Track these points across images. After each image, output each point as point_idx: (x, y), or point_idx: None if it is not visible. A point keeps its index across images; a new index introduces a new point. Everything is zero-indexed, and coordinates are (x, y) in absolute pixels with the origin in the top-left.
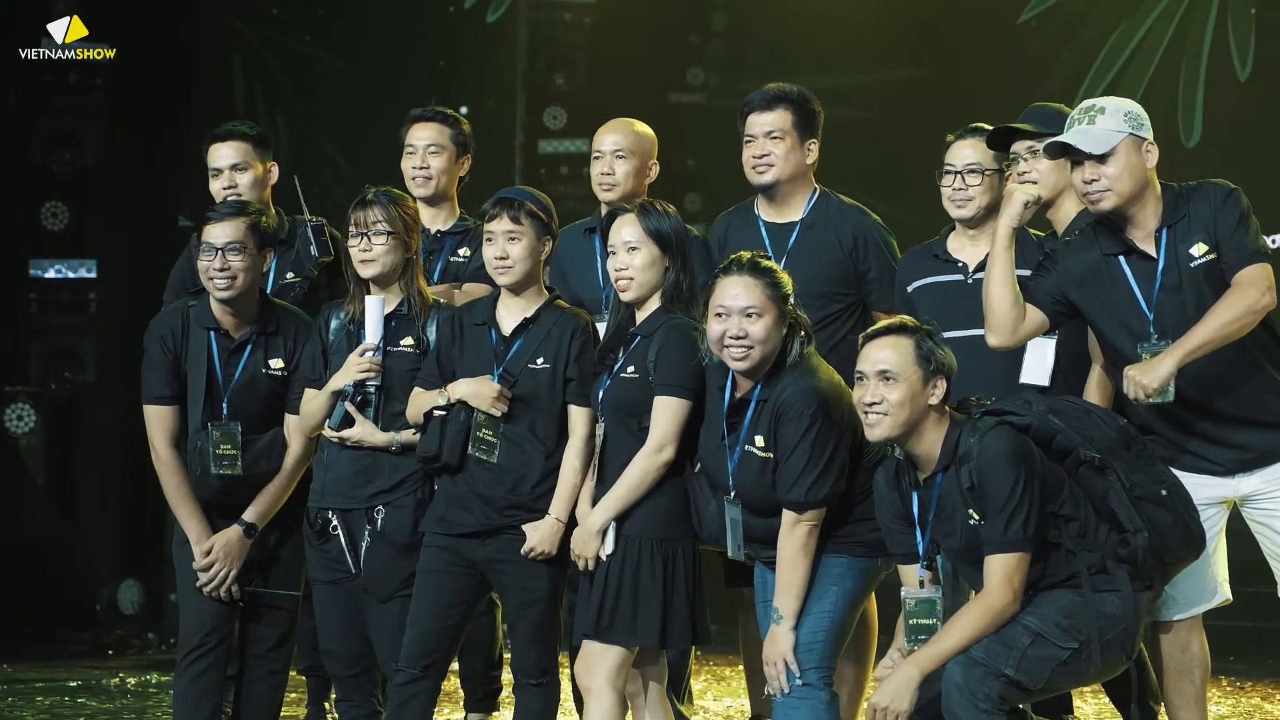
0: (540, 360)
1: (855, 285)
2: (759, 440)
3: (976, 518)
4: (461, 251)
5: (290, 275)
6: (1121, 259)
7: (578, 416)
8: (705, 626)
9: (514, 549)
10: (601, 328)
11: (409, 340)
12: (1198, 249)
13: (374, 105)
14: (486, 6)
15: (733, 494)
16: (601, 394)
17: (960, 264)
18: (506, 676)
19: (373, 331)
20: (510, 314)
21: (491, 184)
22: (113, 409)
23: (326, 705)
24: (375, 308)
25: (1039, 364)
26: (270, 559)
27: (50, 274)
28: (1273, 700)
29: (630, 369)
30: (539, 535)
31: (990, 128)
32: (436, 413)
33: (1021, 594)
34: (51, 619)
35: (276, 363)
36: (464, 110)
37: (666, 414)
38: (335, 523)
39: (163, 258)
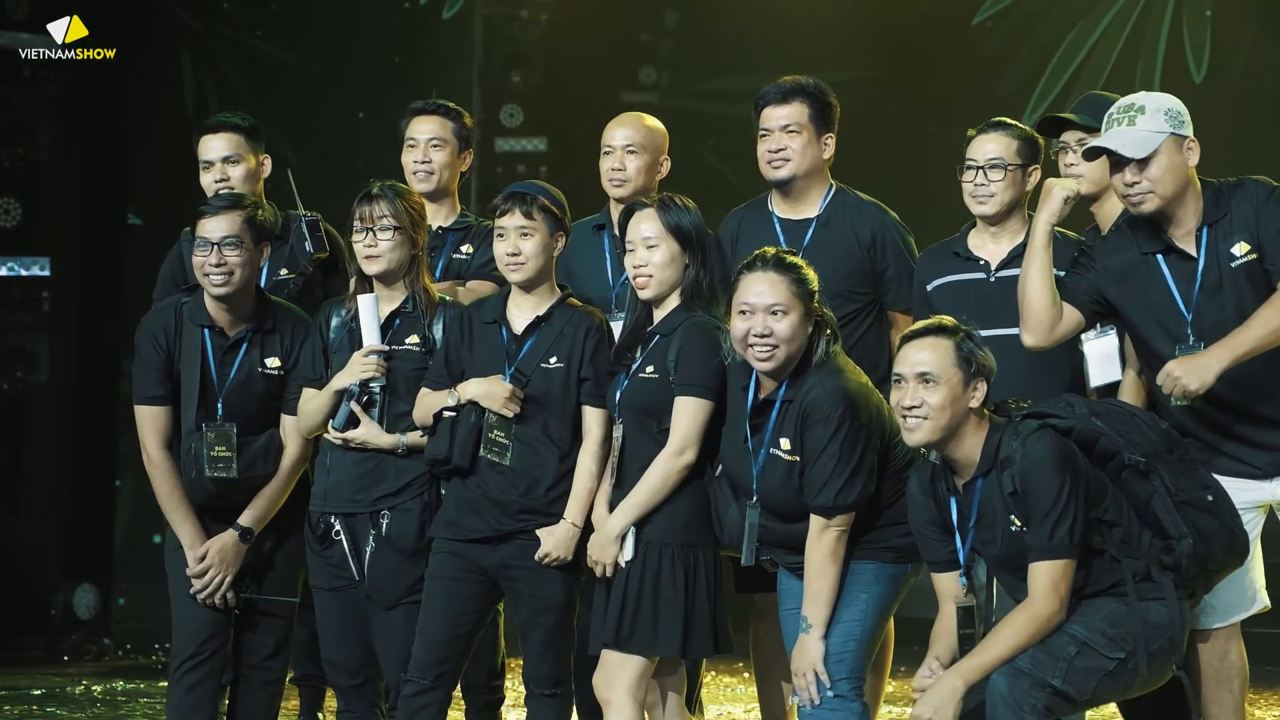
0: (553, 360)
1: (872, 284)
2: (784, 443)
3: (1019, 524)
4: (464, 249)
5: (284, 272)
6: (1160, 258)
7: (593, 418)
8: (727, 635)
9: (527, 555)
10: (614, 327)
11: (414, 339)
12: (1239, 248)
13: (327, 102)
14: (442, 3)
15: (755, 498)
16: (619, 395)
17: (982, 262)
18: (508, 684)
19: (369, 332)
20: (522, 312)
21: None
22: (65, 409)
23: (320, 715)
24: (369, 307)
25: (1104, 363)
26: (265, 564)
27: (2, 271)
28: None
29: (649, 369)
30: (554, 540)
31: (1010, 121)
32: (446, 414)
33: (1067, 602)
34: (3, 625)
35: (273, 361)
36: None
37: (688, 415)
38: (338, 527)
39: (116, 256)
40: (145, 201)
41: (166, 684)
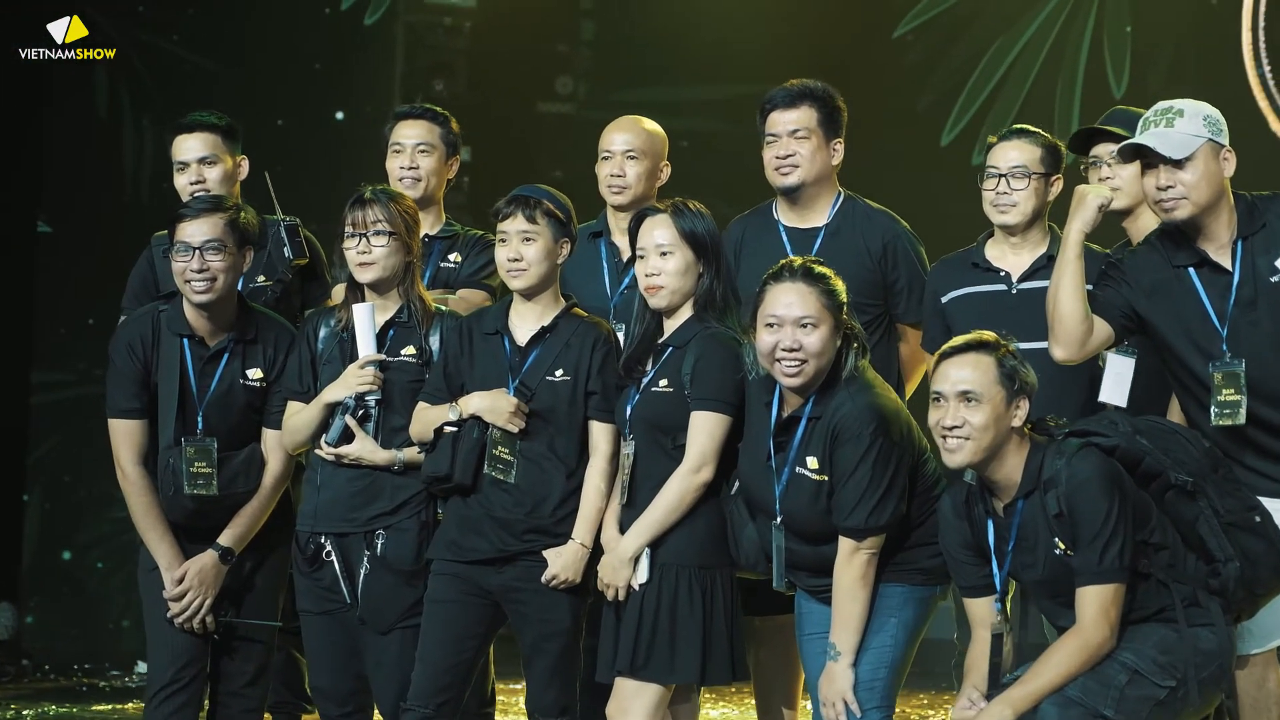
0: (559, 372)
1: (883, 296)
2: (811, 462)
3: (1062, 547)
4: (452, 257)
5: (261, 278)
6: (1192, 271)
7: (600, 433)
8: (744, 662)
9: (533, 577)
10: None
11: (410, 350)
12: None
13: (245, 109)
14: (364, 8)
15: (779, 519)
16: (630, 409)
17: (1003, 273)
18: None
19: (365, 343)
20: (525, 322)
21: None
22: None
23: None
24: (365, 316)
25: (1118, 384)
26: (245, 587)
27: None
28: None
29: (663, 382)
30: (562, 562)
31: (1032, 129)
32: (447, 429)
33: (1118, 628)
34: None
35: (255, 373)
36: (339, 116)
37: (704, 431)
38: (329, 548)
39: (27, 264)
40: (56, 209)
41: (110, 707)
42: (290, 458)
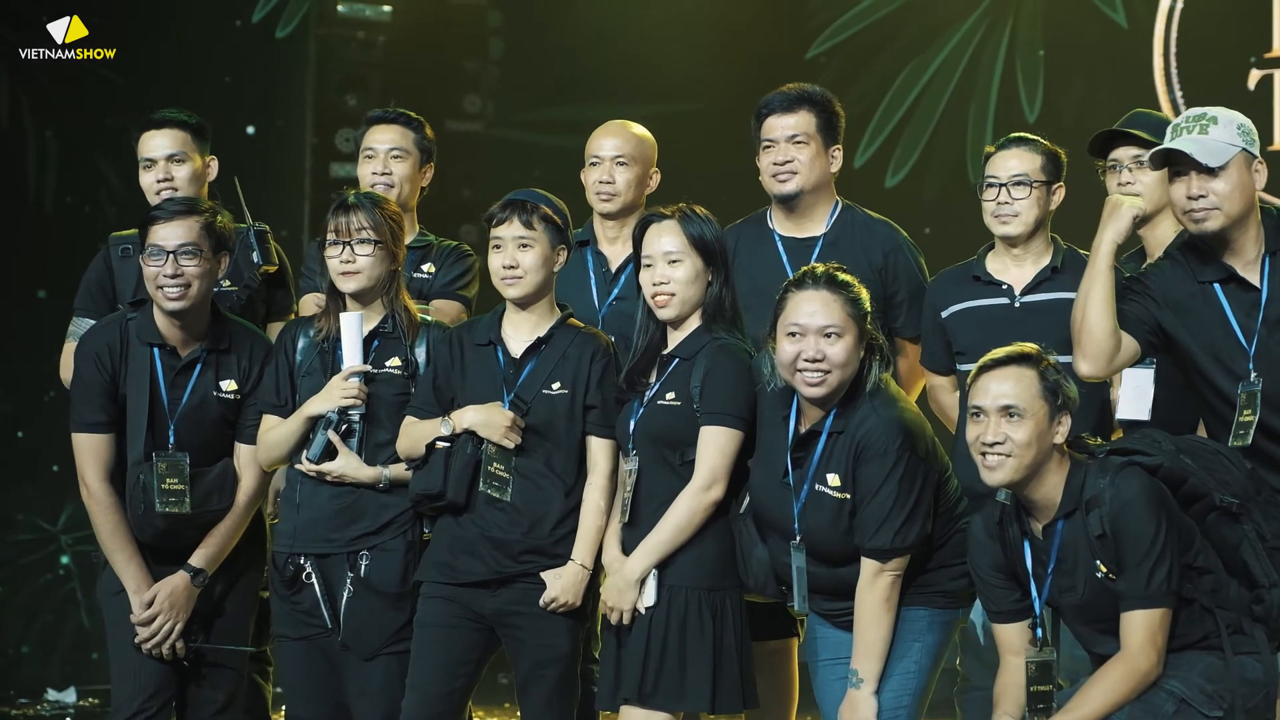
0: (556, 385)
1: (881, 309)
2: (832, 479)
3: (1104, 570)
4: (425, 268)
5: (227, 283)
6: (1218, 287)
7: (599, 449)
8: (754, 690)
9: (530, 600)
10: None
11: (395, 361)
12: None
13: None
14: (276, 21)
15: (798, 538)
16: (633, 424)
17: (1005, 286)
18: None
19: (352, 353)
20: (519, 333)
21: (279, 210)
22: None
23: None
24: (353, 326)
25: (1137, 397)
26: (215, 610)
27: None
28: None
29: (670, 395)
30: (561, 584)
31: (1031, 135)
32: (439, 444)
33: (1165, 655)
34: None
35: (228, 384)
36: (250, 130)
37: (715, 447)
38: (309, 570)
39: None
40: None
41: None
42: (265, 474)
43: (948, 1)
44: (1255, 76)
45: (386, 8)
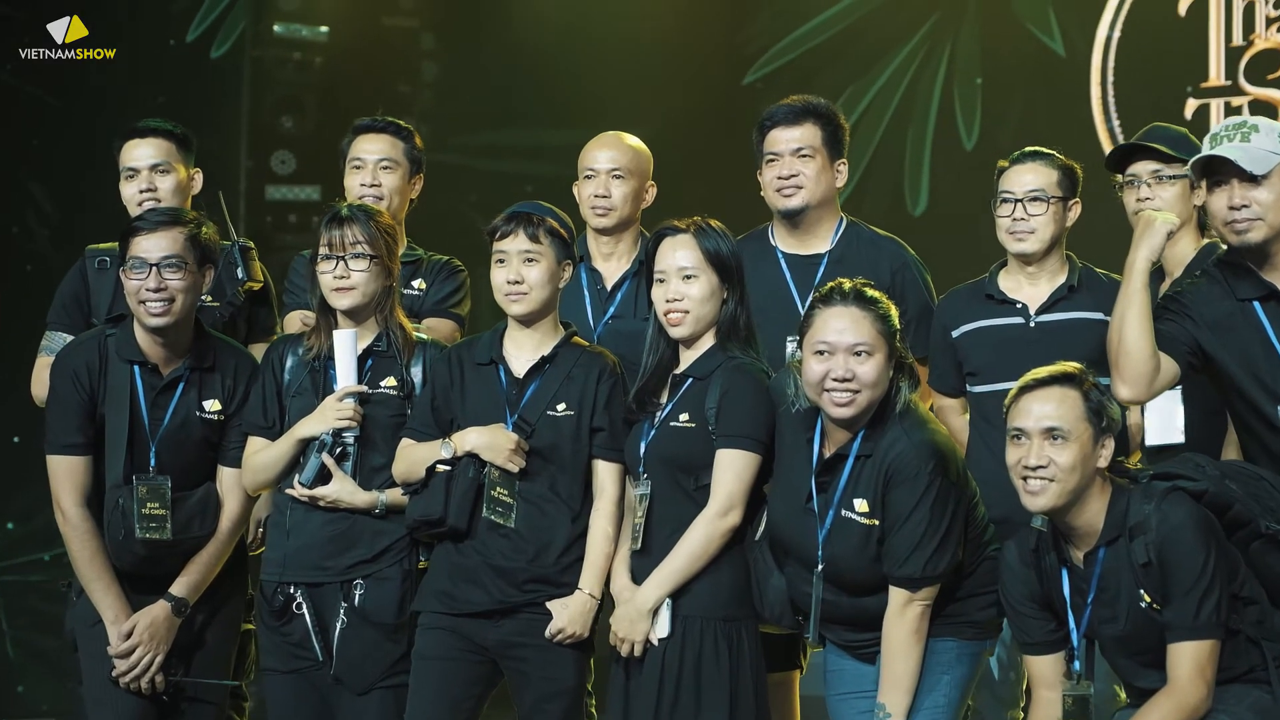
0: (561, 406)
1: None
2: (860, 504)
3: (1149, 600)
4: (415, 283)
5: (208, 299)
6: (1258, 305)
7: (607, 473)
8: None
9: (535, 631)
10: None
11: (391, 381)
12: None
13: (82, 143)
14: (211, 41)
15: (820, 567)
16: (644, 446)
17: (1020, 305)
18: None
19: (346, 372)
20: (522, 351)
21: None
22: None
23: None
24: (348, 344)
25: (1165, 420)
26: (195, 642)
27: None
28: None
29: (684, 416)
30: (569, 614)
31: (1046, 150)
32: (440, 468)
33: (1214, 688)
34: None
35: (212, 404)
36: None
37: (732, 471)
38: (300, 600)
39: None
40: None
41: None
42: (249, 499)
43: (884, 29)
44: (1192, 106)
45: (323, 29)
